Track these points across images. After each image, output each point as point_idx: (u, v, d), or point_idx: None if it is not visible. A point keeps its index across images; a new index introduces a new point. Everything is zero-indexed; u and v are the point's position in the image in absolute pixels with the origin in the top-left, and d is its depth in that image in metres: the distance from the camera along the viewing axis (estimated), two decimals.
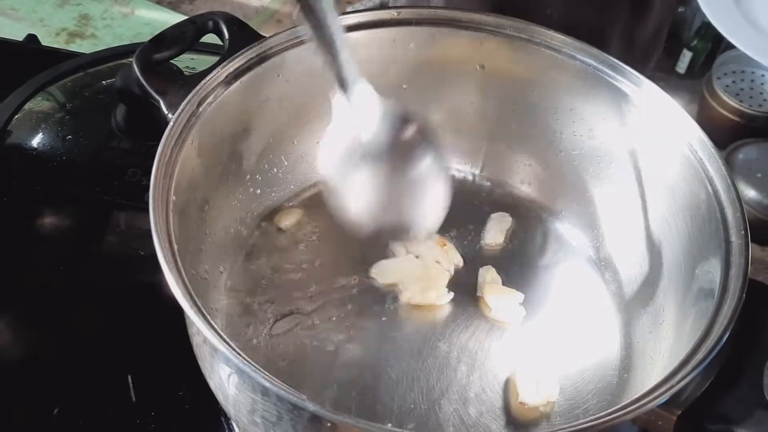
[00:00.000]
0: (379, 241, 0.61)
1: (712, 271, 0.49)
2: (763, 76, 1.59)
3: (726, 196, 0.51)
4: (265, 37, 0.57)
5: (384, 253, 0.61)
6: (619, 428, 0.41)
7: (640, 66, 0.60)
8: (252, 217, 0.61)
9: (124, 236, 0.64)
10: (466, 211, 0.64)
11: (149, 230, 0.45)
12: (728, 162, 0.61)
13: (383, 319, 0.57)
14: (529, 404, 0.53)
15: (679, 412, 0.44)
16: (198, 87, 0.52)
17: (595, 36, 0.60)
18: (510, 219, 0.63)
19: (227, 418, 0.56)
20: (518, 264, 0.62)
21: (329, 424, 0.40)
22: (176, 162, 0.50)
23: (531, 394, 0.53)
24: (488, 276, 0.60)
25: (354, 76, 0.46)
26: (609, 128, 0.60)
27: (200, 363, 0.50)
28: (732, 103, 1.53)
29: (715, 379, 0.45)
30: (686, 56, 1.72)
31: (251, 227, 0.61)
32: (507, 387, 0.54)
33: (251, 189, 0.60)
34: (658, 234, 0.57)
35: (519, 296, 0.59)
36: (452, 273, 0.60)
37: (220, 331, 0.42)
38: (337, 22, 0.43)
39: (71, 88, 0.72)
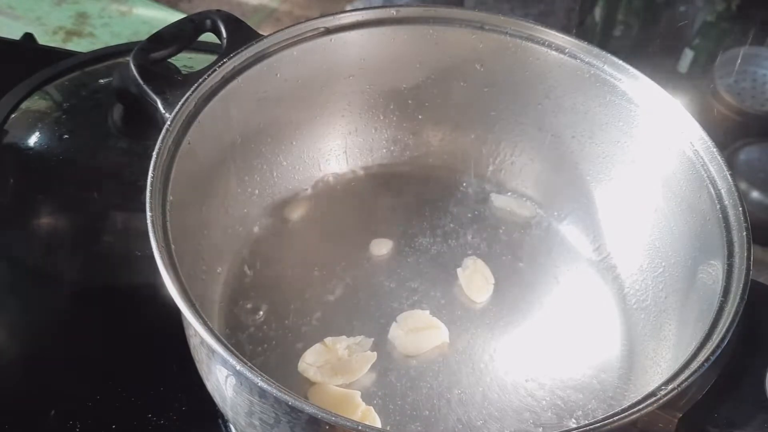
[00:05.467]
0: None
1: (713, 272, 0.49)
2: (765, 75, 1.59)
3: (728, 196, 0.51)
4: (263, 35, 0.57)
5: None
6: (620, 431, 0.41)
7: None
8: (250, 217, 0.61)
9: (122, 236, 0.64)
10: (464, 214, 0.64)
11: (146, 230, 0.45)
12: (730, 162, 0.61)
13: (382, 321, 0.57)
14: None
15: (681, 415, 0.43)
16: (195, 86, 0.52)
17: None
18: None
19: (225, 421, 0.56)
20: (518, 265, 0.61)
21: (327, 427, 0.39)
22: (173, 162, 0.49)
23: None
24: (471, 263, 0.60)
25: None
26: (610, 128, 0.59)
27: (198, 365, 0.49)
28: (734, 102, 1.53)
29: (716, 382, 0.44)
30: (688, 55, 1.71)
31: (249, 228, 0.61)
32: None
33: (249, 189, 0.60)
34: (659, 235, 0.57)
35: (490, 277, 0.59)
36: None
37: (217, 333, 0.41)
38: None
39: (68, 87, 0.72)
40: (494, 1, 1.65)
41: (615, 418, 0.40)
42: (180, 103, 0.51)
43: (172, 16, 1.05)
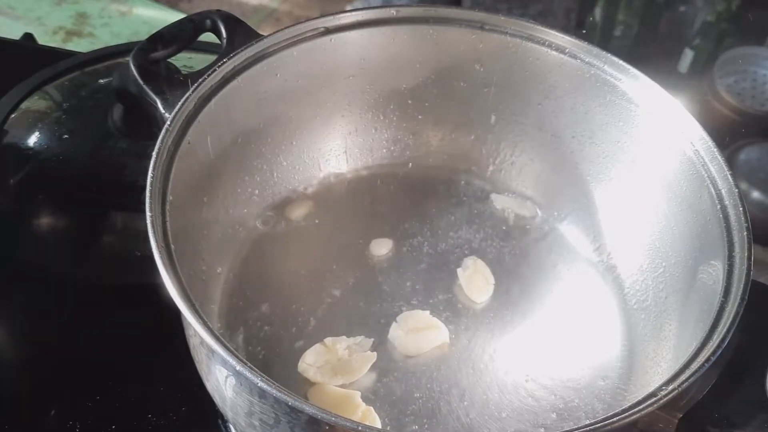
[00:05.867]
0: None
1: (714, 272, 0.49)
2: (765, 75, 1.58)
3: (728, 196, 0.51)
4: (263, 35, 0.57)
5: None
6: (620, 431, 0.41)
7: None
8: (250, 217, 0.61)
9: (121, 236, 0.64)
10: (465, 213, 0.64)
11: (146, 230, 0.45)
12: (730, 162, 0.61)
13: (382, 321, 0.57)
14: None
15: (681, 415, 0.43)
16: (195, 86, 0.52)
17: None
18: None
19: (225, 421, 0.56)
20: (518, 265, 0.61)
21: (327, 427, 0.39)
22: (173, 162, 0.49)
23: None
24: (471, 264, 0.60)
25: None
26: (610, 128, 0.59)
27: (197, 365, 0.49)
28: (734, 102, 1.53)
29: (717, 382, 0.44)
30: (688, 55, 1.72)
31: (249, 228, 0.61)
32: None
33: (249, 189, 0.60)
34: (659, 235, 0.57)
35: (491, 278, 0.59)
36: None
37: (217, 333, 0.41)
38: None
39: (68, 87, 0.72)
40: (492, 0, 1.65)
41: (615, 419, 0.40)
42: (180, 103, 0.51)
43: (172, 16, 1.05)
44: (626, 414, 0.40)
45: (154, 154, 0.48)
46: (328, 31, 0.58)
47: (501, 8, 1.66)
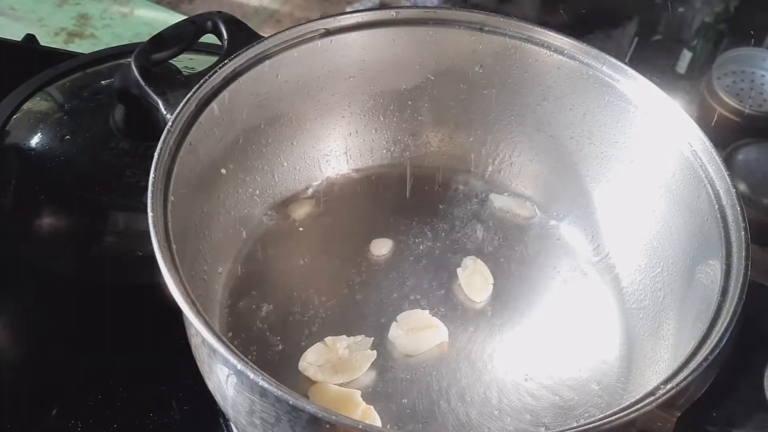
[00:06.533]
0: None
1: (712, 272, 0.49)
2: (763, 76, 1.59)
3: (726, 196, 0.51)
4: (263, 37, 0.57)
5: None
6: (619, 430, 0.41)
7: None
8: (251, 218, 0.61)
9: (123, 237, 0.64)
10: (464, 213, 0.64)
11: (148, 231, 0.45)
12: (728, 162, 0.61)
13: (382, 320, 0.57)
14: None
15: (679, 414, 0.44)
16: (196, 87, 0.52)
17: None
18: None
19: (226, 420, 0.56)
20: (517, 265, 0.62)
21: (328, 426, 0.40)
22: (175, 162, 0.50)
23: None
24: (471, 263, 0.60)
25: None
26: (608, 129, 0.59)
27: (199, 364, 0.50)
28: (732, 103, 1.53)
29: (715, 381, 0.45)
30: (686, 56, 1.72)
31: (250, 228, 0.61)
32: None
33: (250, 190, 0.60)
34: (658, 235, 0.57)
35: (490, 277, 0.60)
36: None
37: (218, 332, 0.42)
38: None
39: (70, 88, 0.72)
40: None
41: (614, 417, 0.41)
42: (181, 104, 0.51)
43: (173, 18, 1.05)
44: (625, 413, 0.41)
45: (155, 154, 0.48)
46: (329, 33, 0.59)
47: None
